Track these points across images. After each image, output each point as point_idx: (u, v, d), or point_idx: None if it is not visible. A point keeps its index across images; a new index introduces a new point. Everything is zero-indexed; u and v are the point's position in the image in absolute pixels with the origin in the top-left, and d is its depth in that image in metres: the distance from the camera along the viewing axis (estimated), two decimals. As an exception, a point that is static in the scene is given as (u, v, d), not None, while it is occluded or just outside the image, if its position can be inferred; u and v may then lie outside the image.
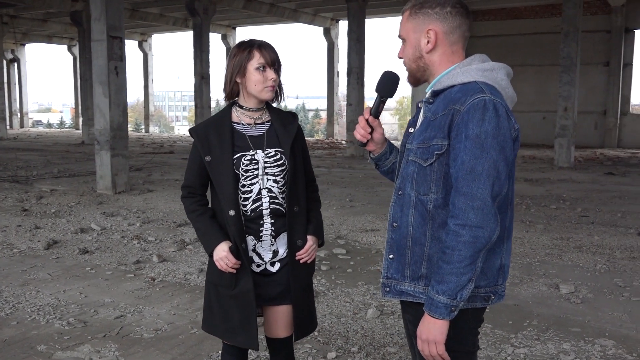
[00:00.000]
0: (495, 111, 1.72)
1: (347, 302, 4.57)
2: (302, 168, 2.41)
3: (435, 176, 1.80)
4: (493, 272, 1.84)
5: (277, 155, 2.35)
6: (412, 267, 1.87)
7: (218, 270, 2.34)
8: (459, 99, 1.76)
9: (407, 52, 1.91)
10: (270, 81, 2.29)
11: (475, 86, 1.77)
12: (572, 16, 14.08)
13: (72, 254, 5.91)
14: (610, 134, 20.54)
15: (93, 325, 4.07)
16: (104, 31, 9.84)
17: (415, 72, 1.93)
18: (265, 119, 2.41)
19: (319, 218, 2.49)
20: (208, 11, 19.26)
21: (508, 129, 1.74)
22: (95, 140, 10.15)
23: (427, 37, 1.86)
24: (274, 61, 2.30)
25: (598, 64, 20.45)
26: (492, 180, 1.71)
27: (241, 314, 2.34)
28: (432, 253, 1.83)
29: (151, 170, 13.19)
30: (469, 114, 1.72)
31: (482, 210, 1.69)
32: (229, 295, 2.35)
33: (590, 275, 5.29)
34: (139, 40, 31.28)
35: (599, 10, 20.25)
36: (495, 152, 1.71)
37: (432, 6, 1.85)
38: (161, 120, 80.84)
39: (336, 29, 25.59)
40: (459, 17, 1.85)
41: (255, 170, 2.33)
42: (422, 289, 1.86)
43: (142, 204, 8.86)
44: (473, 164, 1.70)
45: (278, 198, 2.36)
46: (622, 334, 3.95)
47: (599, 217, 7.94)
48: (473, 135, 1.71)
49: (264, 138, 2.36)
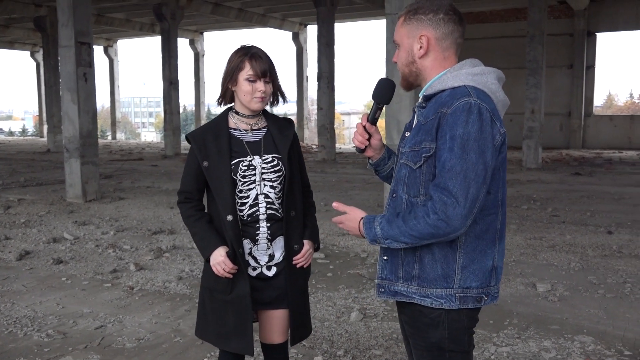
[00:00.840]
0: (479, 115, 1.76)
1: (329, 306, 4.58)
2: (298, 174, 2.42)
3: (424, 178, 1.84)
4: (485, 273, 1.87)
5: (275, 161, 2.36)
6: (404, 268, 1.90)
7: (214, 276, 2.33)
8: (446, 102, 1.80)
9: (401, 57, 1.95)
10: (259, 93, 2.29)
11: (464, 90, 1.81)
12: (537, 20, 14.37)
13: (46, 265, 5.79)
14: (575, 135, 21.00)
15: (73, 337, 3.99)
16: (71, 37, 9.68)
17: (408, 77, 1.96)
18: (261, 125, 2.41)
19: (315, 223, 2.51)
20: (176, 16, 19.10)
21: (490, 134, 1.77)
22: (65, 147, 9.96)
23: (420, 43, 1.89)
24: (264, 72, 2.29)
25: (562, 67, 20.90)
26: (469, 182, 1.74)
27: (236, 319, 2.33)
28: (422, 254, 1.87)
29: (121, 177, 13.00)
30: (454, 116, 1.76)
31: (453, 208, 1.73)
32: (225, 300, 2.34)
33: (565, 273, 5.40)
34: (104, 45, 30.84)
35: (562, 14, 20.71)
36: (476, 154, 1.74)
37: (426, 12, 1.88)
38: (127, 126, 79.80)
39: (305, 33, 25.64)
40: (452, 24, 1.88)
41: (253, 176, 2.33)
42: (415, 289, 1.89)
43: (115, 212, 8.73)
44: (453, 163, 1.74)
45: (275, 203, 2.36)
46: (600, 330, 4.04)
47: (569, 216, 8.12)
48: (456, 135, 1.74)
49: (260, 144, 2.37)
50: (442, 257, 1.84)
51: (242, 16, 22.01)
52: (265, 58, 2.31)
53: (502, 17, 21.84)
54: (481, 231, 1.84)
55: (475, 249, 1.84)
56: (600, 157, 17.28)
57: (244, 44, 2.37)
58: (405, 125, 2.02)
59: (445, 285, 1.84)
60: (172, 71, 18.73)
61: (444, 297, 1.84)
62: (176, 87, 18.88)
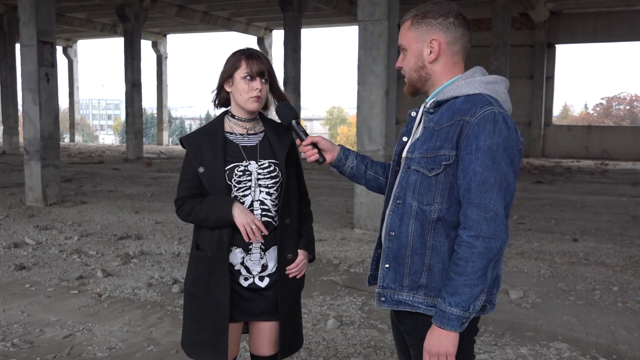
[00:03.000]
0: (505, 123, 1.74)
1: (304, 313, 4.52)
2: (295, 180, 2.35)
3: (441, 187, 1.79)
4: (490, 283, 1.85)
5: (271, 167, 2.28)
6: (411, 277, 1.85)
7: (193, 277, 2.26)
8: (468, 110, 1.77)
9: (409, 62, 1.91)
10: (255, 91, 2.22)
11: (482, 98, 1.78)
12: (501, 31, 14.67)
13: (8, 271, 5.57)
14: (535, 144, 21.47)
15: (40, 346, 3.83)
16: (33, 36, 9.39)
17: (415, 82, 1.92)
18: (258, 130, 2.34)
19: (311, 232, 2.43)
20: (139, 17, 18.80)
21: (516, 141, 1.77)
22: (25, 149, 9.64)
23: (430, 47, 1.86)
24: (261, 72, 2.23)
25: (523, 77, 21.35)
26: (504, 191, 1.72)
27: (212, 327, 2.24)
28: (432, 263, 1.82)
29: (82, 181, 12.68)
30: (480, 126, 1.73)
31: (495, 222, 1.70)
32: (203, 305, 2.25)
33: (535, 280, 5.47)
34: (64, 45, 30.12)
35: (523, 26, 21.17)
36: (506, 164, 1.73)
37: (435, 16, 1.85)
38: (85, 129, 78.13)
39: (270, 38, 25.57)
40: (461, 28, 1.86)
41: (249, 182, 2.25)
42: (422, 299, 1.84)
43: (77, 216, 8.49)
44: (485, 176, 1.71)
45: (271, 211, 2.28)
46: (574, 337, 4.09)
47: (534, 224, 8.25)
48: (485, 147, 1.71)
49: (257, 149, 2.30)
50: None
51: (207, 19, 21.83)
52: (264, 59, 2.26)
53: (466, 27, 22.19)
54: None
55: None
56: (560, 166, 17.69)
57: (241, 48, 2.31)
58: (402, 130, 1.98)
59: None
60: (135, 73, 18.40)
61: None
62: (139, 89, 18.55)
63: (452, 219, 1.79)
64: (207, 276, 2.23)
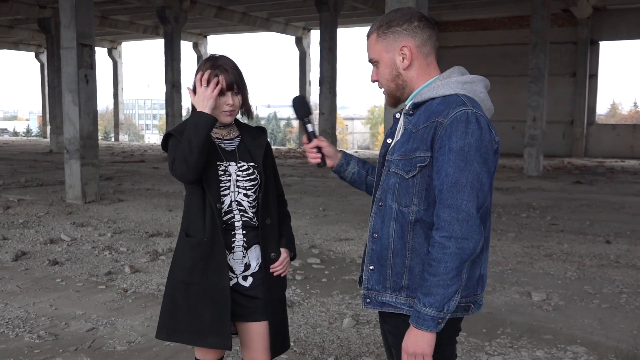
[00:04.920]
0: (477, 124, 1.75)
1: (322, 311, 4.56)
2: (272, 182, 2.40)
3: (418, 188, 1.81)
4: (473, 282, 1.85)
5: (250, 170, 2.33)
6: (393, 279, 1.87)
7: (188, 266, 2.28)
8: (441, 112, 1.78)
9: (384, 73, 1.92)
10: (227, 107, 2.27)
11: (457, 99, 1.79)
12: (540, 28, 14.37)
13: (42, 266, 5.79)
14: (578, 143, 20.97)
15: (64, 339, 3.98)
16: (73, 38, 9.71)
17: (394, 92, 1.93)
18: (234, 135, 2.39)
19: (291, 232, 2.48)
20: (179, 19, 19.16)
21: (490, 141, 1.77)
22: (65, 149, 9.98)
23: (402, 54, 1.87)
24: (230, 85, 2.25)
25: (565, 75, 20.89)
26: (476, 192, 1.73)
27: (214, 312, 2.25)
28: (413, 264, 1.84)
29: (121, 179, 13.02)
30: (452, 127, 1.74)
31: (467, 222, 1.71)
32: (201, 292, 2.27)
33: (561, 282, 5.37)
34: (108, 47, 30.94)
35: (565, 23, 20.71)
36: (479, 164, 1.73)
37: (400, 23, 1.87)
38: (131, 128, 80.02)
39: (308, 38, 25.69)
40: (428, 30, 1.87)
41: (228, 182, 2.30)
42: (404, 300, 1.86)
43: (113, 213, 8.73)
44: (457, 177, 1.72)
45: (248, 212, 2.32)
46: (593, 341, 4.02)
47: (568, 225, 8.09)
48: (457, 147, 1.72)
49: (235, 153, 2.34)
50: None
51: (246, 20, 22.08)
52: (232, 70, 2.27)
53: (505, 25, 21.86)
54: None
55: None
56: (602, 166, 17.24)
57: (212, 54, 2.35)
58: (387, 132, 2.00)
59: None
60: (175, 74, 18.79)
61: None
62: (179, 89, 18.92)
63: (430, 220, 1.80)
64: (205, 263, 2.26)
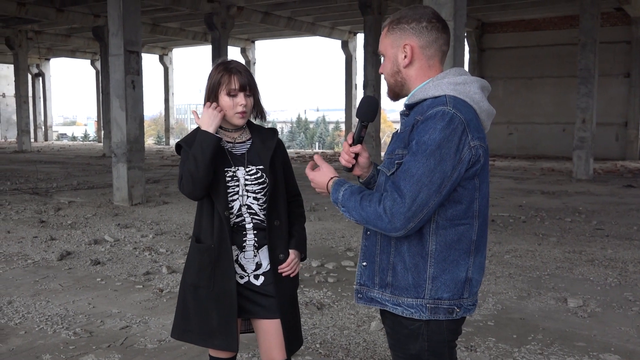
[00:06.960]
0: (449, 124, 1.73)
1: (351, 314, 4.57)
2: (282, 182, 2.43)
3: None
4: (457, 285, 1.84)
5: (258, 173, 2.38)
6: (380, 275, 1.90)
7: (197, 270, 2.36)
8: (424, 112, 1.79)
9: (386, 67, 1.95)
10: (240, 107, 2.32)
11: (442, 99, 1.79)
12: (589, 27, 13.98)
13: (84, 265, 6.00)
14: (632, 145, 20.23)
15: (98, 336, 4.12)
16: (121, 46, 10.02)
17: (393, 87, 1.96)
18: (245, 138, 2.44)
19: (302, 233, 2.50)
20: (226, 25, 19.46)
21: (456, 145, 1.74)
22: (113, 153, 10.31)
23: (404, 52, 1.89)
24: (243, 86, 2.32)
25: (618, 75, 20.22)
26: (421, 186, 1.72)
27: (221, 315, 2.33)
28: (395, 262, 1.86)
29: (168, 182, 13.32)
30: (424, 123, 1.76)
31: (399, 207, 1.73)
32: (209, 296, 2.35)
33: (600, 289, 5.22)
34: (159, 54, 31.70)
35: (618, 22, 20.05)
36: (435, 161, 1.72)
37: (409, 21, 1.88)
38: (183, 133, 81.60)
39: (354, 41, 25.68)
40: (435, 32, 1.87)
41: (236, 187, 2.36)
42: (389, 297, 1.88)
43: (157, 215, 8.96)
44: (410, 165, 1.74)
45: (259, 215, 2.38)
46: (628, 349, 3.89)
47: (614, 230, 7.84)
48: (421, 141, 1.74)
49: (244, 157, 2.40)
50: (413, 267, 1.82)
51: (292, 25, 22.24)
52: (245, 72, 2.34)
53: (556, 25, 21.32)
54: (452, 241, 1.81)
55: (446, 259, 1.82)
56: (657, 169, 16.61)
57: (223, 58, 2.41)
58: (392, 135, 2.03)
59: (416, 295, 1.83)
60: (222, 79, 19.06)
61: (414, 307, 1.83)
62: (226, 94, 19.20)
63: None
64: (212, 267, 2.34)
